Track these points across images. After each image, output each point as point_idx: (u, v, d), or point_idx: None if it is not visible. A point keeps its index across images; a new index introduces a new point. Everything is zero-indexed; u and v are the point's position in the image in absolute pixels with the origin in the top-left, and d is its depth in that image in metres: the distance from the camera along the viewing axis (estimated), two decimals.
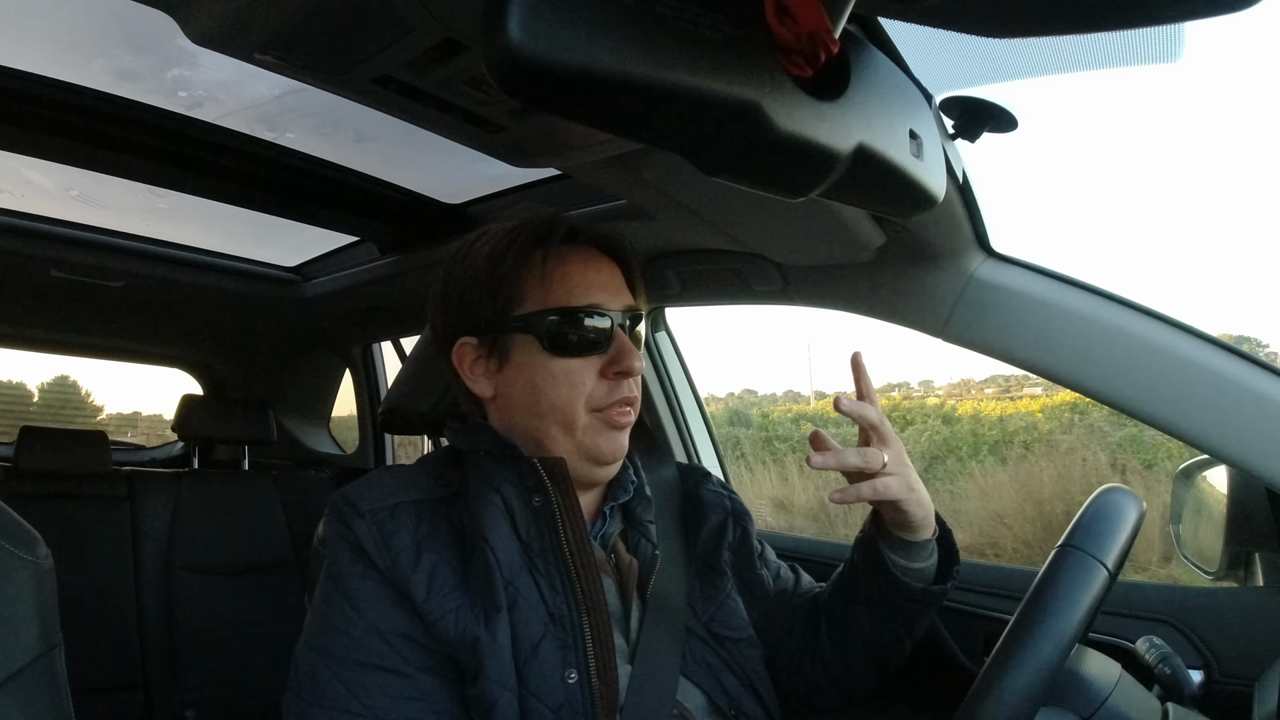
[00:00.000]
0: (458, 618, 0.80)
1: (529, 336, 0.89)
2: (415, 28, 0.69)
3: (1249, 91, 7.07)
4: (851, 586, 1.01)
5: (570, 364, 0.89)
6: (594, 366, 0.90)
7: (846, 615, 1.01)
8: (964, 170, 0.99)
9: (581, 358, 0.90)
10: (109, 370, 10.85)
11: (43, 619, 0.75)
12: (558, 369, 0.89)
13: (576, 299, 0.90)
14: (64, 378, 7.09)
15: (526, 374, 0.90)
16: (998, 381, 7.84)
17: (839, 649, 1.02)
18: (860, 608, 1.00)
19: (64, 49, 1.25)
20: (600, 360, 0.90)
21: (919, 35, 0.70)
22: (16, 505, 0.77)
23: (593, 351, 0.90)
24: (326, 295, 2.33)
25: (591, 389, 0.90)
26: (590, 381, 0.90)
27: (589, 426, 0.90)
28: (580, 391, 0.89)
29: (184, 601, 2.08)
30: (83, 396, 6.92)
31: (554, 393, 0.89)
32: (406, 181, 1.73)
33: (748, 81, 0.49)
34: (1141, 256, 6.63)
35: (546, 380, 0.89)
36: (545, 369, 0.89)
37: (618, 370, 0.90)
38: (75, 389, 7.01)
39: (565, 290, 0.90)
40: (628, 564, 0.94)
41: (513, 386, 0.92)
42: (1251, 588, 1.14)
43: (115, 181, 1.62)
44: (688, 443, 1.90)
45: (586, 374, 0.90)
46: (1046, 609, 0.72)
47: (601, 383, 0.90)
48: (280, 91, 1.35)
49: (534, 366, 0.90)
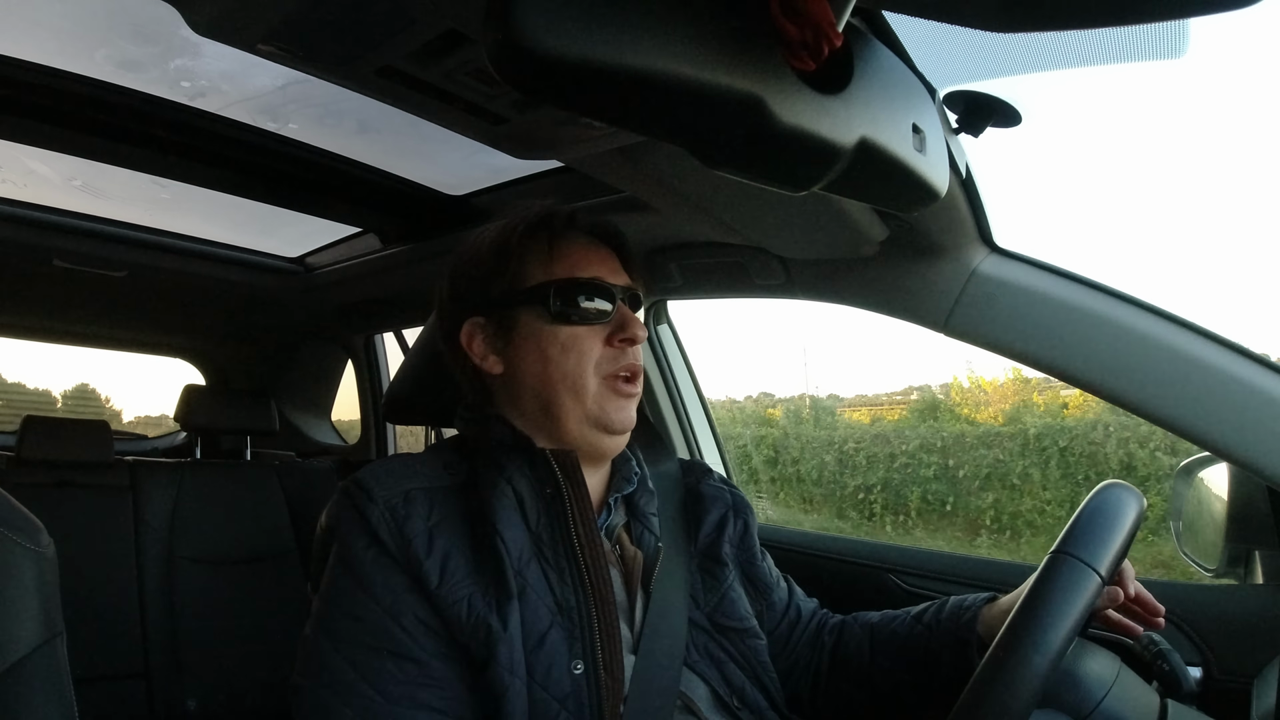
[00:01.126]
0: (470, 604, 0.80)
1: (536, 308, 0.92)
2: (418, 19, 0.68)
3: (1258, 85, 7.04)
4: (912, 666, 1.01)
5: (577, 331, 0.92)
6: (599, 335, 0.93)
7: (878, 672, 1.04)
8: (967, 165, 0.99)
9: (587, 325, 0.92)
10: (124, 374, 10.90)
11: (45, 608, 0.75)
12: (565, 336, 0.92)
13: (580, 272, 0.93)
14: (84, 385, 7.21)
15: (535, 344, 0.92)
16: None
17: (845, 687, 1.05)
18: (909, 676, 1.01)
19: (67, 39, 1.24)
20: (605, 329, 0.93)
21: (923, 29, 0.70)
22: (19, 494, 0.77)
23: (597, 320, 0.93)
24: (329, 286, 2.33)
25: (599, 355, 0.93)
26: (597, 348, 0.93)
27: (598, 393, 0.92)
28: (589, 358, 0.92)
29: (186, 591, 2.08)
30: (102, 401, 7.02)
31: (563, 360, 0.91)
32: (409, 173, 1.73)
33: (751, 75, 0.49)
34: (1147, 252, 6.61)
35: (555, 348, 0.92)
36: (553, 337, 0.92)
37: (623, 338, 0.93)
38: (95, 396, 7.12)
39: (569, 265, 0.94)
40: (632, 556, 0.95)
41: (522, 359, 0.93)
42: (1251, 585, 1.14)
43: (118, 171, 1.62)
44: (689, 436, 1.90)
45: (593, 341, 0.93)
46: (1038, 620, 0.71)
47: (607, 350, 0.93)
48: (283, 82, 1.34)
49: (542, 336, 0.92)
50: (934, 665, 0.99)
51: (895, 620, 1.06)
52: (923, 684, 0.99)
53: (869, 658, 1.05)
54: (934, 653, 0.99)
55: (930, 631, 1.01)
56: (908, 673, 1.01)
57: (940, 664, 0.98)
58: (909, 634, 1.03)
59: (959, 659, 0.96)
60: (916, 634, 1.02)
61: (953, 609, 1.01)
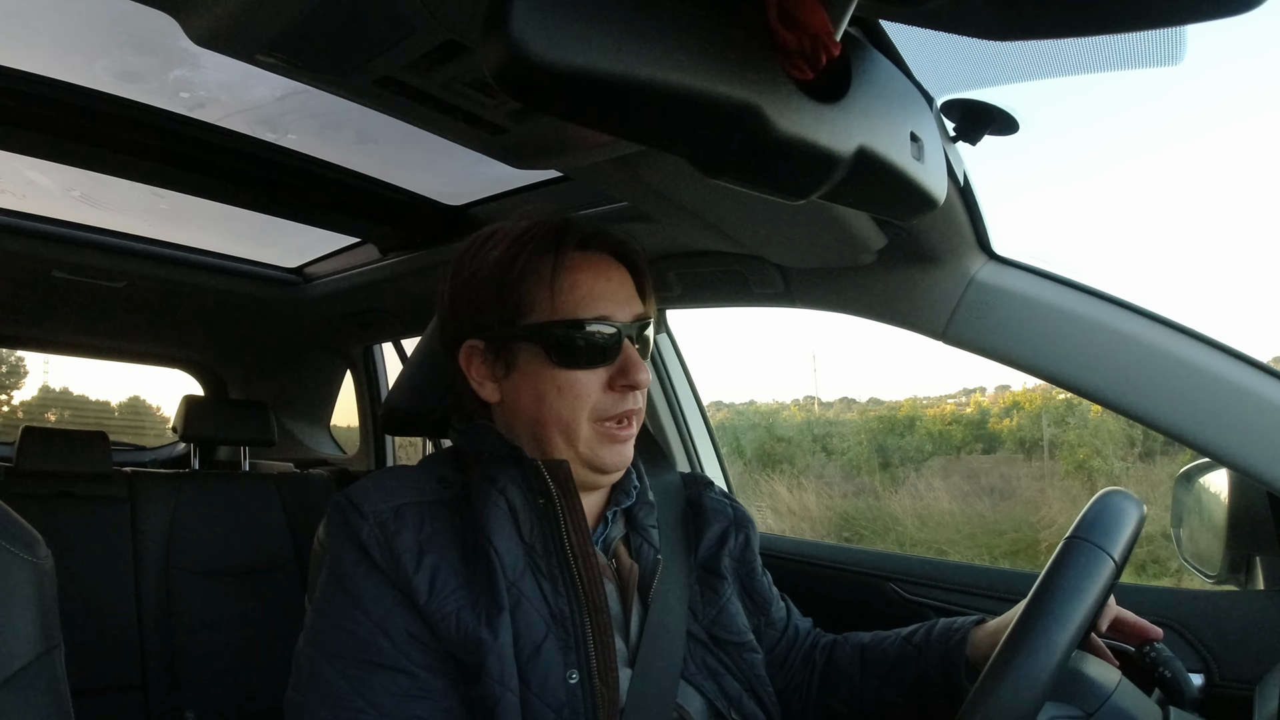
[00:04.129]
0: (459, 618, 0.80)
1: (536, 346, 0.89)
2: (417, 29, 0.69)
3: (1255, 92, 7.05)
4: (901, 687, 1.01)
5: (576, 375, 0.89)
6: (600, 378, 0.90)
7: (868, 692, 1.03)
8: (965, 173, 0.99)
9: (588, 369, 0.89)
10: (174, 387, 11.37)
11: (43, 619, 0.74)
12: (563, 380, 0.89)
13: (584, 310, 0.89)
14: (136, 398, 7.63)
15: (532, 382, 0.90)
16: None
17: (836, 707, 1.05)
18: (900, 698, 1.01)
19: (66, 50, 1.25)
20: (607, 372, 0.90)
21: (920, 38, 0.70)
22: (17, 505, 0.77)
23: (599, 364, 0.89)
24: (327, 296, 2.33)
25: (596, 401, 0.89)
26: (595, 393, 0.89)
27: (591, 438, 0.90)
28: (585, 403, 0.89)
29: (184, 602, 2.08)
30: (153, 410, 7.28)
31: (558, 403, 0.89)
32: (408, 183, 1.73)
33: (749, 84, 0.49)
34: (1145, 259, 6.61)
35: (551, 391, 0.89)
36: (551, 379, 0.89)
37: (624, 384, 0.90)
38: (148, 408, 7.45)
39: (573, 301, 0.89)
40: (628, 568, 0.94)
41: (518, 394, 0.91)
42: (1252, 591, 1.14)
43: (117, 182, 1.62)
44: (689, 446, 1.90)
45: (592, 385, 0.89)
46: (1057, 597, 0.72)
47: (607, 395, 0.90)
48: (282, 93, 1.35)
49: (540, 376, 0.89)
50: (923, 686, 0.99)
51: (885, 641, 1.06)
52: (912, 705, 0.99)
53: (858, 678, 1.04)
54: (923, 674, 0.99)
55: (919, 652, 1.01)
56: (897, 693, 1.01)
57: (929, 685, 0.98)
58: (899, 655, 1.03)
59: (947, 681, 0.96)
60: (906, 655, 1.02)
61: (942, 631, 1.01)
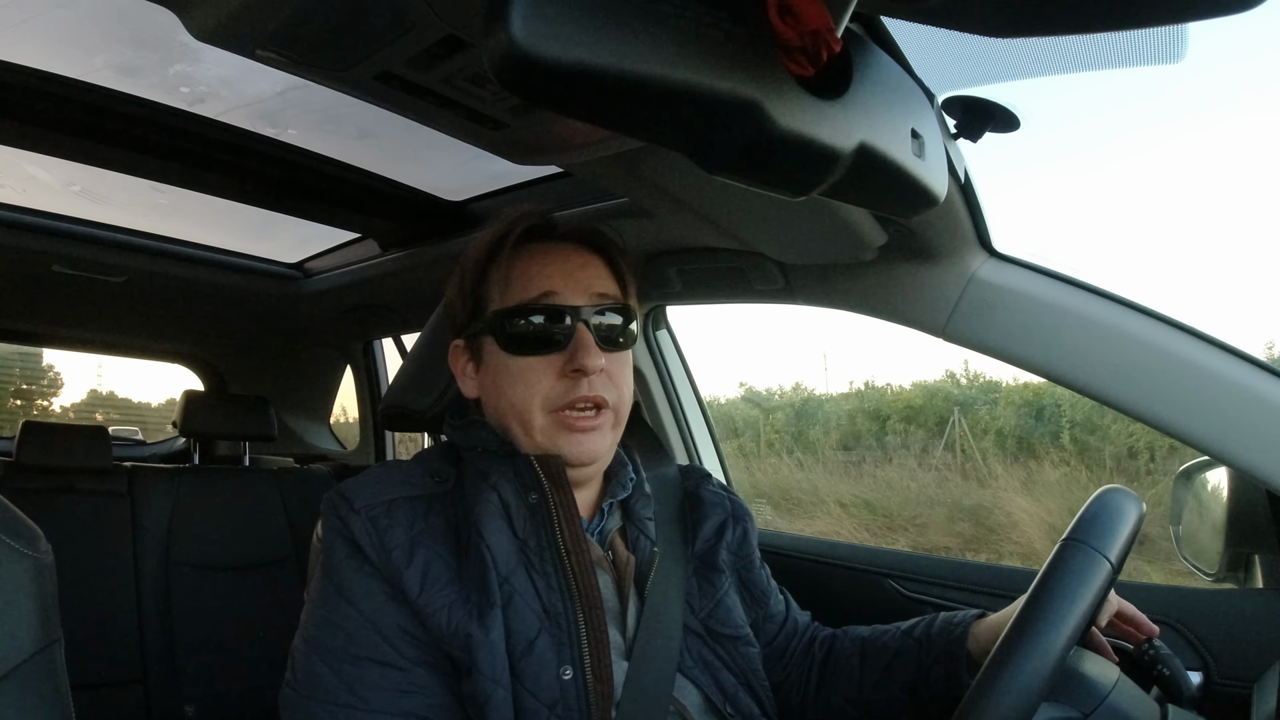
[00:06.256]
0: (450, 613, 0.80)
1: (491, 338, 0.91)
2: (417, 24, 0.69)
3: (1258, 89, 7.02)
4: (902, 681, 1.01)
5: (527, 362, 0.89)
6: (554, 365, 0.89)
7: (867, 685, 1.03)
8: (966, 170, 0.99)
9: (540, 355, 0.89)
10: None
11: (43, 614, 0.75)
12: (515, 368, 0.89)
13: (530, 294, 0.90)
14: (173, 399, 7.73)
15: (493, 375, 0.92)
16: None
17: (835, 700, 1.04)
18: (900, 692, 1.00)
19: (66, 44, 1.24)
20: (560, 358, 0.89)
21: (921, 34, 0.70)
22: (17, 500, 0.77)
23: (550, 349, 0.89)
24: (327, 292, 2.33)
25: (548, 388, 0.89)
26: (547, 381, 0.89)
27: (547, 427, 0.89)
28: (535, 391, 0.89)
29: (184, 597, 2.08)
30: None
31: (512, 392, 0.89)
32: (408, 178, 1.73)
33: (749, 80, 0.49)
34: (1146, 256, 6.60)
35: (506, 380, 0.90)
36: (505, 369, 0.90)
37: (574, 368, 0.88)
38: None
39: (521, 288, 0.90)
40: (625, 560, 0.94)
41: (487, 388, 0.93)
42: (1251, 589, 1.14)
43: (117, 177, 1.62)
44: (688, 441, 1.90)
45: (544, 372, 0.89)
46: (1052, 599, 0.72)
47: (560, 381, 0.89)
48: (282, 88, 1.35)
49: (498, 367, 0.91)
50: (924, 680, 0.98)
51: (885, 634, 1.06)
52: (912, 698, 0.99)
53: (859, 671, 1.04)
54: (924, 668, 0.99)
55: (920, 646, 1.01)
56: (897, 687, 1.00)
57: (930, 679, 0.98)
58: (899, 648, 1.03)
59: (949, 675, 0.96)
60: (906, 649, 1.02)
61: (943, 624, 1.01)
